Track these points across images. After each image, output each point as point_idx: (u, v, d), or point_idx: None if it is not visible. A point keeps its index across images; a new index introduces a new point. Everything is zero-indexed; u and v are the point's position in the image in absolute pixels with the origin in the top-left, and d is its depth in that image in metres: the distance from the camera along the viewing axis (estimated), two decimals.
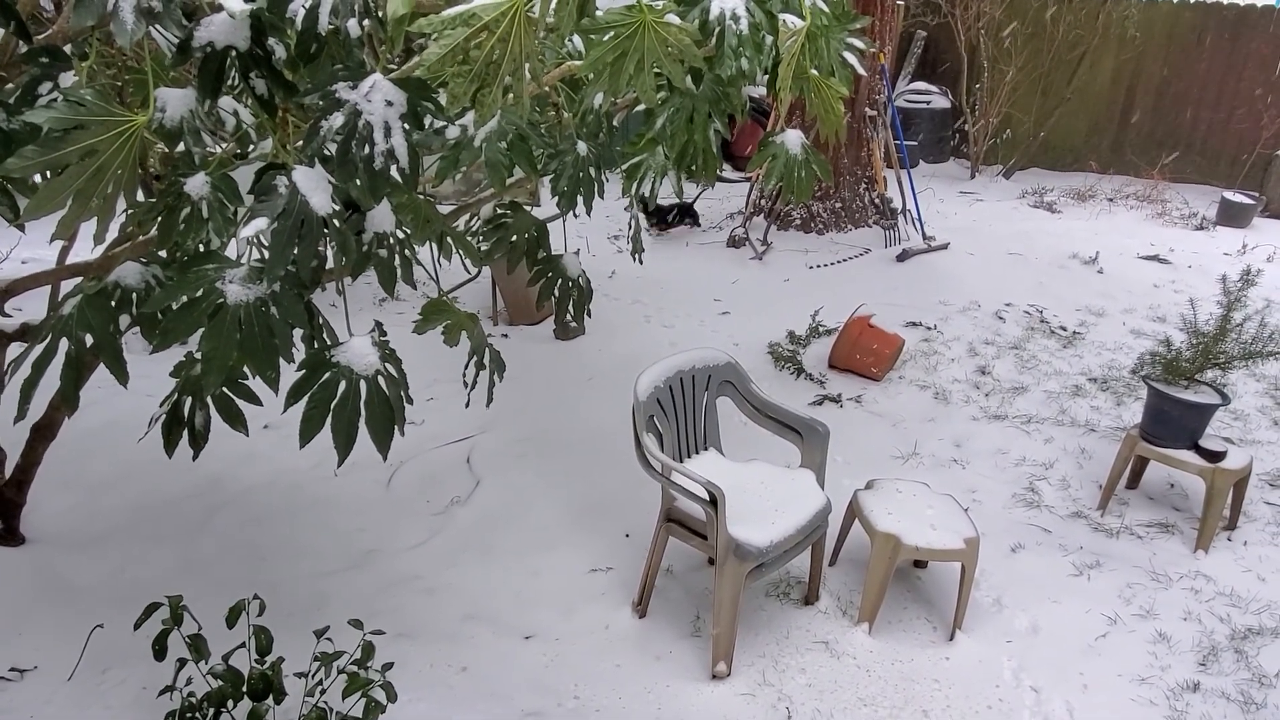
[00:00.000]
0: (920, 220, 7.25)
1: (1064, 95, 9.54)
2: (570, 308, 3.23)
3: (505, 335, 5.66)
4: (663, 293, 6.34)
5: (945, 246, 7.11)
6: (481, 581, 3.40)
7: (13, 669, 2.80)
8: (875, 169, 7.45)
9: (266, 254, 1.90)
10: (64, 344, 2.13)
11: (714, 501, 2.79)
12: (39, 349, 2.08)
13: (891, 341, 5.17)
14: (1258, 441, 4.63)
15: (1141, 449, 3.86)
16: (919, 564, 3.61)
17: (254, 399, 2.38)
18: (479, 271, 3.46)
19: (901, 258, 6.86)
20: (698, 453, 3.33)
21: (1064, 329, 5.94)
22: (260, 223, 1.95)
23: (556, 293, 3.21)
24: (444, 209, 3.10)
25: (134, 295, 2.27)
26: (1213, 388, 3.75)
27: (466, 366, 2.42)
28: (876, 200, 7.49)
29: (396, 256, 2.30)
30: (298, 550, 3.48)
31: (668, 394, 3.16)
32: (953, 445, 4.56)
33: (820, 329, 5.64)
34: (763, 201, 7.57)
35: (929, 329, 5.83)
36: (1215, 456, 3.64)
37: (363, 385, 2.10)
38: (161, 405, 2.47)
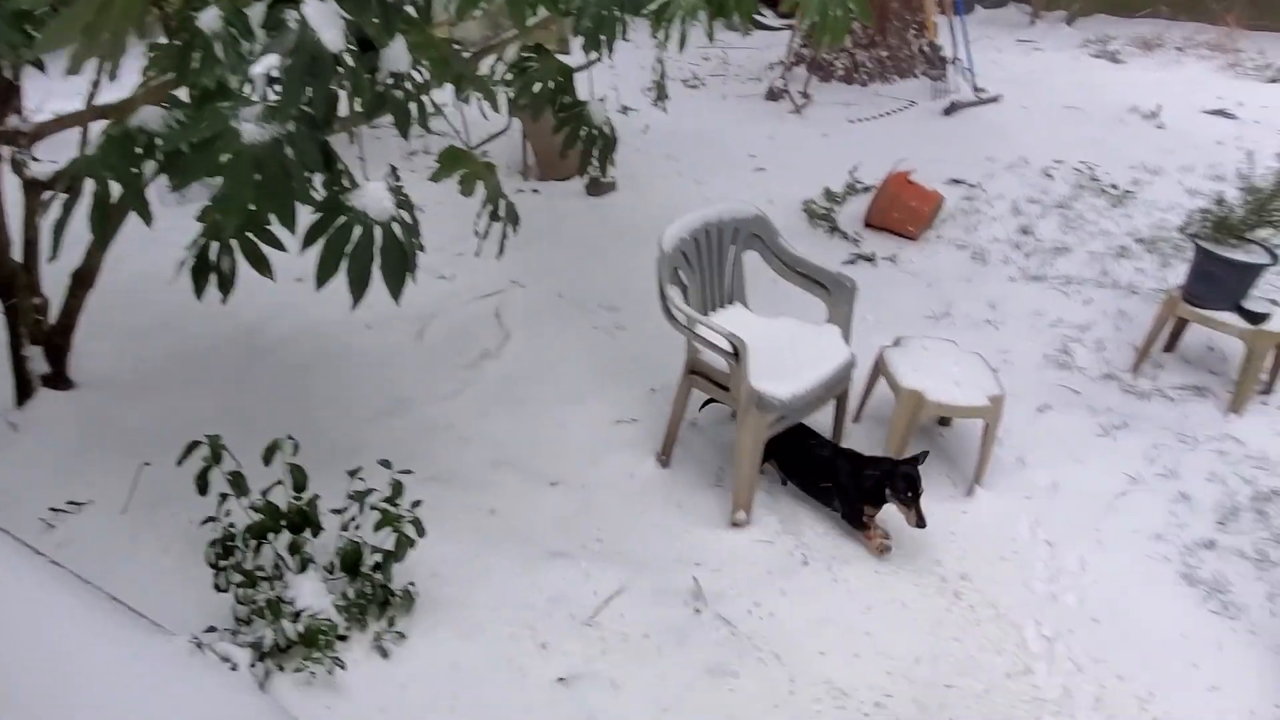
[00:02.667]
0: (971, 70, 6.90)
1: None
2: (594, 157, 3.17)
3: (536, 190, 5.58)
4: (697, 147, 6.17)
5: (996, 99, 6.78)
6: (510, 431, 3.48)
7: (70, 502, 2.97)
8: (926, 14, 7.04)
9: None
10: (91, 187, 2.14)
11: (736, 353, 2.79)
12: (64, 186, 2.09)
13: (930, 199, 5.02)
14: None
15: (1182, 310, 3.76)
16: (943, 422, 3.63)
17: (277, 244, 2.38)
18: (509, 124, 3.38)
19: (949, 111, 6.57)
20: (723, 307, 3.31)
21: (1115, 187, 5.70)
22: (272, 59, 1.90)
23: (581, 141, 3.14)
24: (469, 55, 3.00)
25: (156, 141, 2.26)
26: (1263, 247, 3.60)
27: (479, 216, 2.39)
28: (925, 48, 7.11)
29: (413, 100, 2.24)
30: (333, 398, 3.58)
31: (694, 246, 3.12)
32: (987, 306, 4.48)
33: (858, 186, 5.47)
34: (804, 51, 7.22)
35: (971, 186, 5.63)
36: (1258, 318, 3.54)
37: (377, 231, 2.10)
38: (189, 250, 2.49)
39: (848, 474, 2.97)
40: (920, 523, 2.83)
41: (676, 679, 2.52)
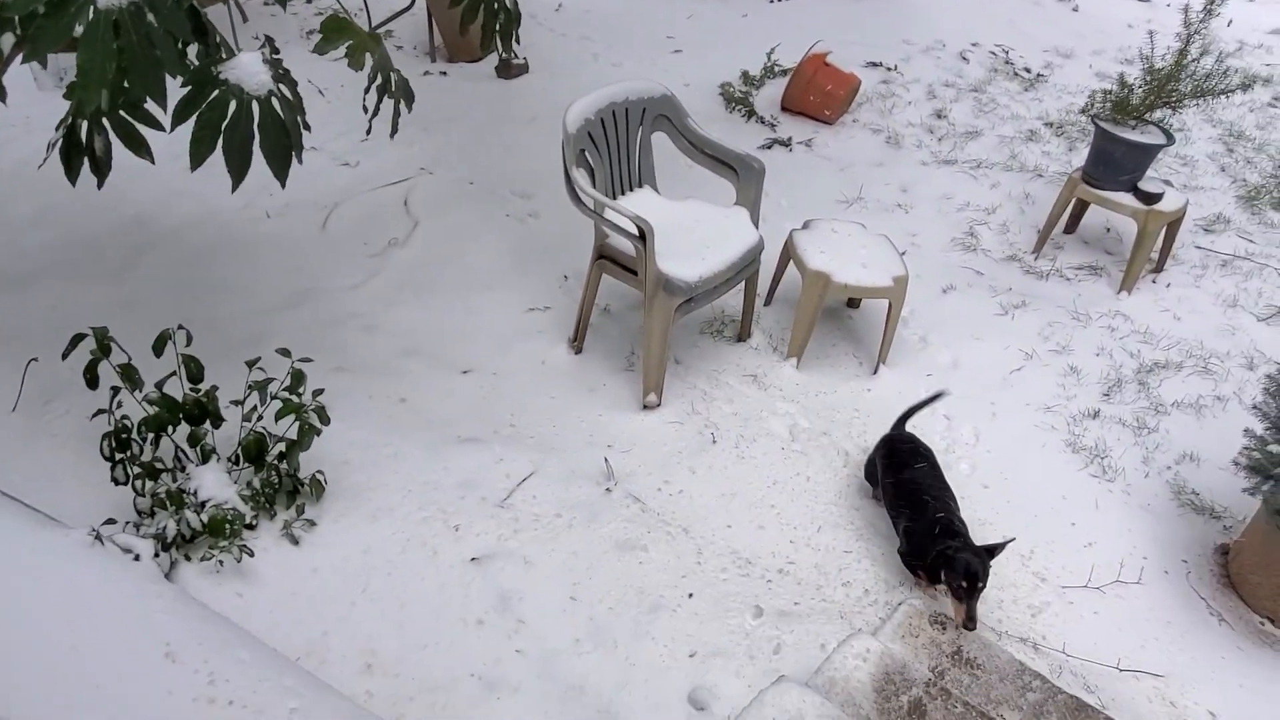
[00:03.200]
0: None
1: None
2: (497, 32, 3.03)
3: (444, 73, 5.35)
4: (612, 29, 5.96)
5: None
6: (420, 320, 3.43)
7: None
8: None
9: None
10: None
11: (643, 236, 2.77)
12: None
13: (846, 82, 4.98)
14: (1201, 188, 4.65)
15: (1081, 191, 3.86)
16: (852, 304, 3.70)
17: (153, 122, 2.23)
18: (412, 2, 3.19)
19: None
20: (632, 190, 3.27)
21: (1028, 71, 5.74)
22: None
23: (481, 15, 2.99)
24: None
25: (4, 8, 2.07)
26: (1160, 128, 3.69)
27: (367, 91, 2.28)
28: None
29: None
30: (231, 289, 3.45)
31: (599, 127, 3.05)
32: (899, 190, 4.53)
33: (775, 69, 5.39)
34: None
35: (889, 70, 5.60)
36: (1151, 198, 3.65)
37: (255, 106, 1.98)
38: (58, 130, 2.32)
39: (923, 526, 2.49)
40: (968, 623, 2.30)
41: (588, 555, 2.59)
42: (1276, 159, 4.91)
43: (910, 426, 2.89)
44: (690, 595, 2.50)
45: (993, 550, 2.39)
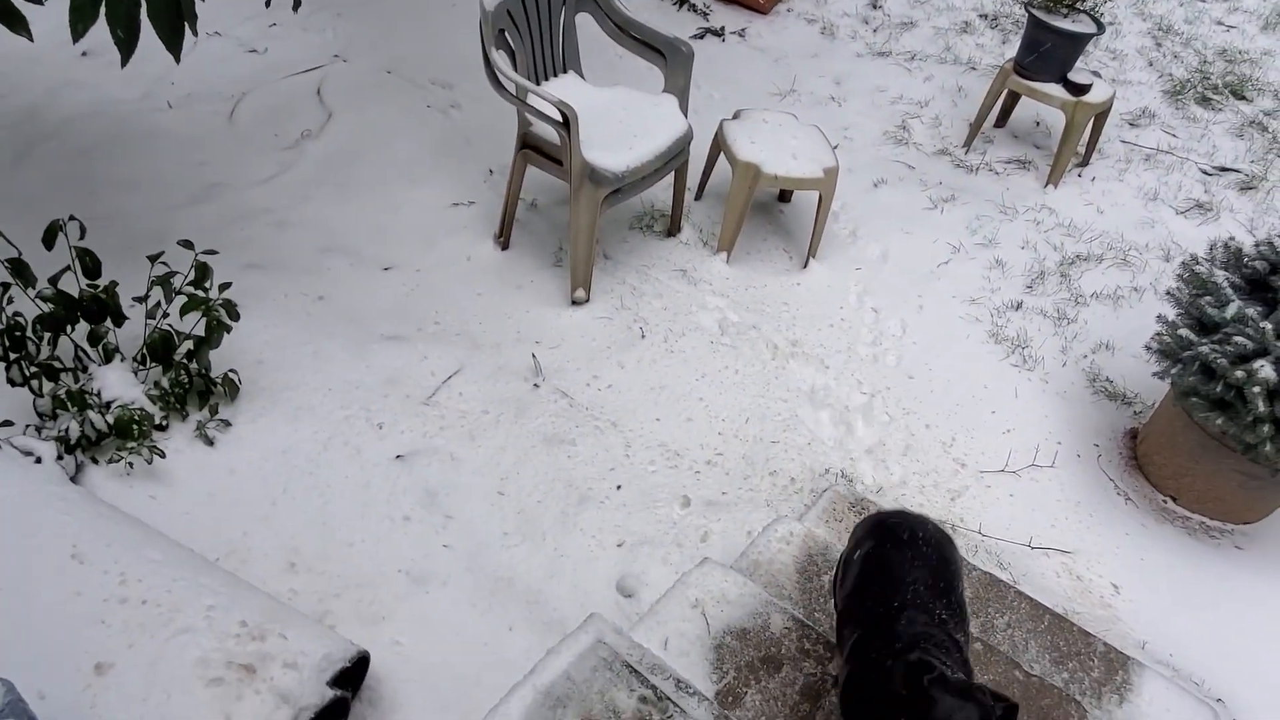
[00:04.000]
0: None
1: None
2: None
3: None
4: None
5: None
6: (337, 216, 3.29)
7: None
8: None
9: None
10: None
11: (566, 123, 2.67)
12: None
13: None
14: (1129, 82, 4.66)
15: (1012, 83, 3.83)
16: (783, 198, 3.66)
17: None
18: None
19: None
20: (556, 76, 3.13)
21: None
22: None
23: None
24: None
25: None
26: (1091, 16, 3.66)
27: None
28: None
29: None
30: (132, 184, 3.25)
31: (519, 6, 2.89)
32: (832, 83, 4.44)
33: None
34: None
35: None
36: (1080, 89, 3.65)
37: None
38: None
39: (882, 646, 1.55)
40: None
41: (515, 449, 2.57)
42: (1202, 54, 4.95)
43: (838, 319, 2.89)
44: (618, 487, 2.51)
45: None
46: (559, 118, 2.67)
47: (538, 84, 3.03)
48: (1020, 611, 2.17)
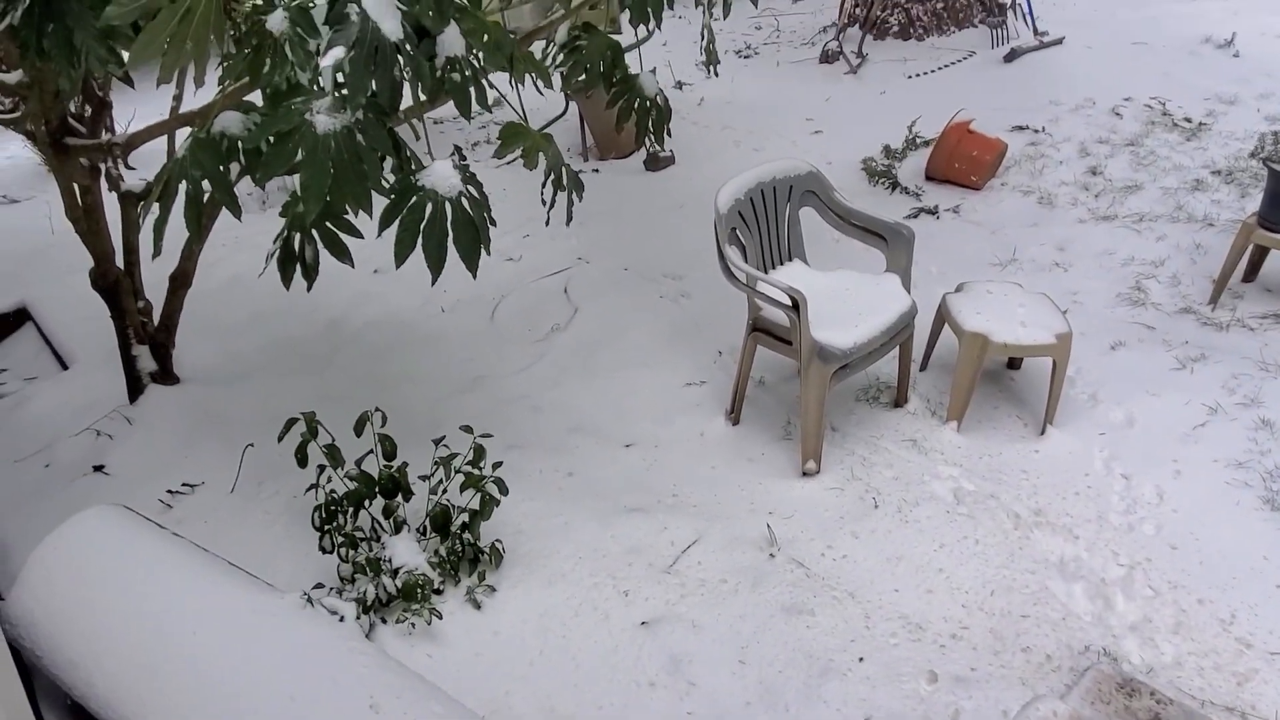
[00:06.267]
0: (1031, 15, 6.74)
1: None
2: (650, 128, 3.26)
3: (596, 170, 5.71)
4: (752, 116, 6.20)
5: (1059, 41, 6.61)
6: (583, 399, 3.62)
7: (185, 484, 3.23)
8: None
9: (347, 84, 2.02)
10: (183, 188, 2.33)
11: (796, 306, 2.86)
12: (159, 189, 2.29)
13: (992, 146, 4.96)
14: None
15: (1259, 237, 3.67)
16: (1012, 365, 3.63)
17: (355, 231, 2.54)
18: (566, 108, 3.51)
19: (1009, 58, 6.44)
20: (782, 264, 3.38)
21: (1188, 120, 5.53)
22: (338, 52, 2.05)
23: (634, 114, 3.23)
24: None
25: (239, 143, 2.44)
26: None
27: (544, 185, 2.51)
28: None
29: (472, 84, 2.37)
30: (413, 379, 3.77)
31: (749, 206, 3.20)
32: (1055, 249, 4.43)
33: (917, 140, 5.44)
34: (857, 10, 7.16)
35: (1036, 132, 5.53)
36: None
37: (448, 206, 2.23)
38: (275, 243, 2.68)
39: None
40: None
41: (754, 618, 2.62)
42: None
43: (1084, 487, 2.78)
44: (860, 659, 2.48)
45: None
46: (789, 302, 2.88)
47: (766, 273, 3.28)
48: None
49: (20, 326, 4.72)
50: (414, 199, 2.24)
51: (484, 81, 2.40)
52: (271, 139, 2.14)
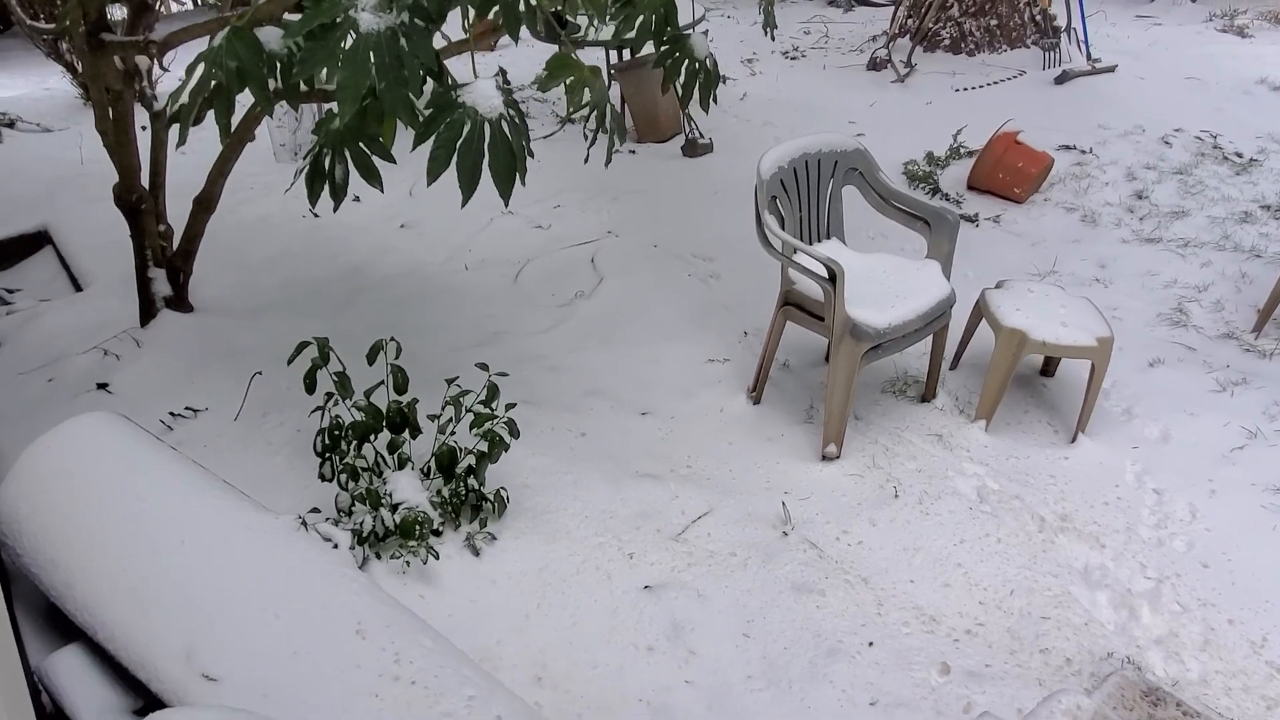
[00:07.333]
0: (1086, 40, 6.64)
1: None
2: (697, 91, 3.17)
3: (633, 152, 5.62)
4: (795, 115, 6.11)
5: (1112, 69, 6.50)
6: (602, 364, 3.52)
7: (188, 408, 3.14)
8: None
9: None
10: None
11: (833, 278, 2.76)
12: (193, 81, 2.21)
13: (1039, 160, 4.85)
14: None
15: None
16: (1046, 372, 3.51)
17: (388, 156, 2.46)
18: (609, 85, 3.42)
19: (1060, 80, 6.34)
20: (820, 241, 3.28)
21: (1239, 155, 5.40)
22: None
23: (682, 75, 3.14)
24: None
25: (278, 62, 2.36)
26: None
27: (587, 121, 2.42)
28: (1037, 17, 6.88)
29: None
30: (432, 329, 3.68)
31: (791, 176, 3.10)
32: (1096, 266, 4.31)
33: (961, 150, 5.34)
34: (909, 22, 7.08)
35: (1083, 152, 5.42)
36: None
37: (486, 127, 2.15)
38: (304, 158, 2.60)
39: None
40: None
41: (763, 594, 2.51)
42: None
43: (1114, 498, 2.67)
44: (870, 644, 2.36)
45: None
46: (825, 274, 2.78)
47: None
48: None
49: (40, 250, 4.67)
50: (452, 116, 2.16)
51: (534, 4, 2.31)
52: (314, 30, 2.06)
